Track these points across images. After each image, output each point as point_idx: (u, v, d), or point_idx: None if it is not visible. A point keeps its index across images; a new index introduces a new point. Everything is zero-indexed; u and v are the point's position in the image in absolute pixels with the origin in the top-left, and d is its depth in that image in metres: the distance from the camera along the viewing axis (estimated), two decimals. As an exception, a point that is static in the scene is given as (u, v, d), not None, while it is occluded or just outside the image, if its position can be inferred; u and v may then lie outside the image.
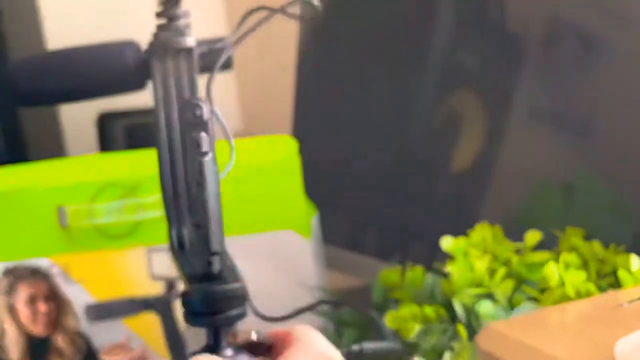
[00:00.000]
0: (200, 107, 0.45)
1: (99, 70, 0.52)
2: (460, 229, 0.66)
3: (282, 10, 0.51)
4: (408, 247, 0.83)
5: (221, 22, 1.32)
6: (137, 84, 0.52)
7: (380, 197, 0.91)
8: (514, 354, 0.48)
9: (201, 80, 0.49)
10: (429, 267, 0.66)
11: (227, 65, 0.52)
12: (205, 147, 0.46)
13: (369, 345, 0.53)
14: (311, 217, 0.79)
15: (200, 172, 0.45)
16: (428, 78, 0.87)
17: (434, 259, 0.66)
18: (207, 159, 0.45)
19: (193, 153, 0.46)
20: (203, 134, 0.46)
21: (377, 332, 0.68)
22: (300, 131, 1.00)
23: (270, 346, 0.47)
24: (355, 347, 0.52)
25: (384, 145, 0.92)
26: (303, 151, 0.77)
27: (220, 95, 0.50)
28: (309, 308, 0.55)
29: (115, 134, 1.04)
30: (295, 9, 0.49)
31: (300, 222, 0.76)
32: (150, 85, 0.49)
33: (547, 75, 0.74)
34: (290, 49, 1.08)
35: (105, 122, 1.04)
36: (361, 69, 0.97)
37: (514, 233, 0.64)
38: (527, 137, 0.76)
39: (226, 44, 0.49)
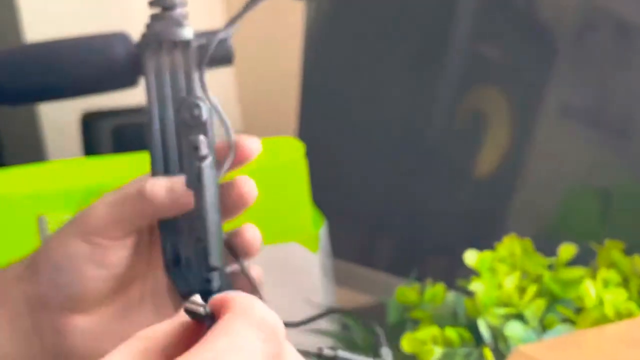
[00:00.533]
0: (199, 107, 0.45)
1: (84, 64, 0.52)
2: (485, 242, 0.66)
3: None
4: (427, 262, 0.83)
5: (220, 15, 1.32)
6: (127, 81, 0.52)
7: (396, 206, 0.91)
8: None
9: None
10: (450, 284, 0.66)
11: (227, 60, 0.51)
12: (204, 151, 0.45)
13: (344, 354, 0.52)
14: (319, 229, 0.79)
15: (199, 179, 0.45)
16: (447, 75, 0.87)
17: (457, 275, 0.66)
18: (206, 164, 0.45)
19: (190, 157, 0.45)
20: (202, 137, 0.45)
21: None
22: (306, 133, 1.00)
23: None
24: (328, 351, 0.51)
25: (399, 149, 0.92)
26: (310, 155, 0.77)
27: (218, 95, 0.49)
28: (316, 318, 0.55)
29: (102, 135, 1.04)
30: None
31: (306, 234, 0.76)
32: (142, 82, 0.48)
33: (581, 69, 0.74)
34: (293, 48, 1.08)
35: (90, 122, 1.04)
36: (373, 66, 0.97)
37: (547, 246, 0.64)
38: (560, 138, 0.75)
39: (227, 34, 0.49)
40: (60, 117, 1.07)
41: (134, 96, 0.56)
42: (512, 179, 0.78)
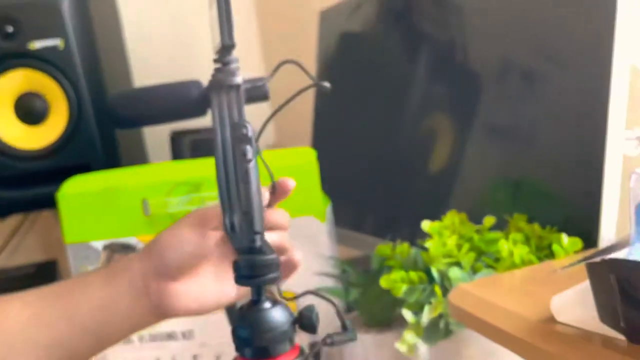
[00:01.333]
0: (246, 127, 0.45)
1: (172, 101, 0.51)
2: (436, 215, 0.65)
3: (304, 70, 0.50)
4: (397, 228, 0.82)
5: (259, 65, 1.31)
6: (200, 111, 0.51)
7: (377, 191, 0.90)
8: (477, 308, 0.47)
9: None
10: (413, 243, 0.65)
11: (265, 98, 0.51)
12: (249, 156, 0.45)
13: (338, 337, 0.51)
14: (326, 207, 0.78)
15: (246, 174, 0.45)
16: (412, 103, 0.86)
17: (417, 237, 0.64)
18: (251, 165, 0.45)
19: (241, 161, 0.45)
20: (248, 147, 0.45)
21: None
22: (317, 144, 1.00)
23: None
24: (328, 340, 0.50)
25: (380, 153, 0.91)
26: (320, 158, 0.76)
27: (259, 118, 0.49)
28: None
29: (184, 147, 1.04)
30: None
31: (318, 210, 0.75)
32: (209, 112, 0.48)
33: (499, 101, 0.73)
34: (309, 93, 1.08)
35: (176, 138, 1.04)
36: (363, 98, 0.96)
37: (476, 218, 0.63)
38: (484, 146, 0.74)
39: (264, 81, 0.49)
40: (156, 135, 1.07)
41: (204, 121, 0.55)
42: (453, 173, 0.77)
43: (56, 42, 1.01)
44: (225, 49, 0.46)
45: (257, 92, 0.49)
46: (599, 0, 0.59)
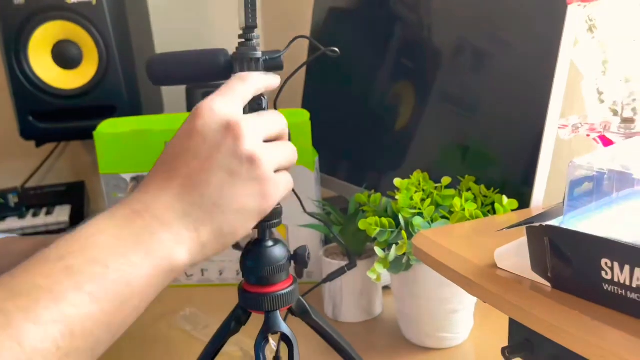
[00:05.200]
0: (262, 100, 0.45)
1: (202, 65, 0.50)
2: (401, 168, 0.65)
3: (314, 42, 0.49)
4: (372, 179, 0.82)
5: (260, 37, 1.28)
6: (224, 76, 0.50)
7: (355, 147, 0.90)
8: (433, 250, 0.48)
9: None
10: (384, 194, 0.65)
11: (280, 68, 0.50)
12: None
13: (350, 265, 0.53)
14: (315, 158, 0.79)
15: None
16: (388, 73, 0.84)
17: (388, 189, 0.65)
18: None
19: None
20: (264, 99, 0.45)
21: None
22: (308, 106, 0.99)
23: None
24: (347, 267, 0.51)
25: (358, 114, 0.90)
26: (311, 118, 0.76)
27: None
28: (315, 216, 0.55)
29: (197, 99, 1.02)
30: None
31: (309, 162, 0.76)
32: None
33: (454, 73, 0.71)
34: (303, 59, 1.06)
35: (190, 90, 1.02)
36: (346, 67, 0.95)
37: (436, 177, 0.63)
38: (445, 113, 0.73)
39: (280, 54, 0.48)
40: (173, 88, 1.05)
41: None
42: (417, 135, 0.77)
43: (90, -2, 0.97)
44: (248, 28, 0.45)
45: (273, 64, 0.48)
46: None
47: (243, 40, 0.45)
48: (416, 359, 0.59)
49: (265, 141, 0.41)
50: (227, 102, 0.40)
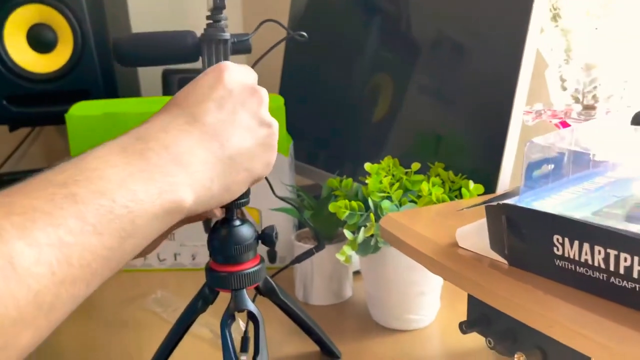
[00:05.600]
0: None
1: (170, 47, 0.50)
2: (375, 156, 0.66)
3: (282, 26, 0.50)
4: (345, 165, 0.83)
5: (239, 21, 1.28)
6: (193, 58, 0.50)
7: (330, 134, 0.90)
8: (400, 232, 0.48)
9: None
10: (355, 179, 0.66)
11: (248, 51, 0.51)
12: None
13: (317, 248, 0.53)
14: (289, 144, 0.79)
15: None
16: (364, 61, 0.85)
17: (359, 174, 0.65)
18: None
19: None
20: None
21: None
22: (284, 92, 0.99)
23: None
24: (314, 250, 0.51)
25: (335, 101, 0.91)
26: (287, 103, 0.76)
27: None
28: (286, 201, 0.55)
29: (173, 84, 1.02)
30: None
31: (283, 147, 0.76)
32: (200, 59, 0.48)
33: (431, 66, 0.72)
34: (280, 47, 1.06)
35: (167, 75, 1.02)
36: (324, 54, 0.95)
37: (406, 162, 0.64)
38: (417, 103, 0.74)
39: (248, 37, 0.48)
40: (150, 71, 1.04)
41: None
42: (391, 123, 0.77)
43: (65, -19, 0.96)
44: (216, 9, 0.46)
45: (241, 46, 0.48)
46: None
47: (211, 21, 0.46)
48: (384, 341, 0.60)
49: None
50: (249, 73, 0.41)
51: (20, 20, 0.98)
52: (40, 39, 1.00)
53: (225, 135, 0.37)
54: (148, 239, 0.34)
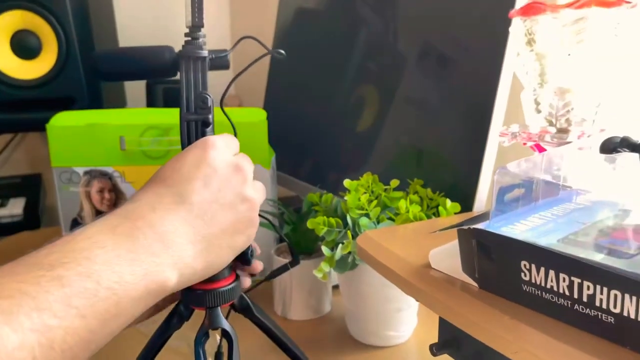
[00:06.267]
0: (207, 98, 0.45)
1: (148, 62, 0.50)
2: (356, 170, 0.66)
3: (261, 43, 0.50)
4: (325, 180, 0.83)
5: (226, 34, 1.28)
6: (171, 73, 0.50)
7: (312, 147, 0.91)
8: (376, 251, 0.49)
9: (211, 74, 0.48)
10: (335, 194, 0.67)
11: (226, 67, 0.51)
12: (209, 122, 0.45)
13: (293, 264, 0.53)
14: (271, 157, 0.80)
15: (203, 134, 0.45)
16: (348, 76, 0.86)
17: (339, 190, 0.66)
18: (209, 129, 0.45)
19: (202, 128, 0.45)
20: (209, 115, 0.45)
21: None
22: (267, 106, 1.00)
23: None
24: (289, 265, 0.51)
25: (317, 115, 0.91)
26: (270, 116, 0.76)
27: (225, 80, 0.49)
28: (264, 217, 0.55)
29: (157, 94, 1.02)
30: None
31: (265, 160, 0.76)
32: (179, 74, 0.48)
33: (417, 77, 0.73)
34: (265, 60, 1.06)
35: (151, 85, 1.01)
36: (308, 69, 0.96)
37: (385, 179, 0.64)
38: (399, 119, 0.74)
39: (227, 53, 0.48)
40: (134, 83, 1.04)
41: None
42: (373, 138, 0.77)
43: (51, -11, 0.96)
44: (195, 27, 0.46)
45: (220, 62, 0.48)
46: (499, 3, 0.59)
47: (189, 38, 0.46)
48: (361, 357, 0.61)
49: None
50: (232, 146, 0.43)
51: (3, 26, 0.97)
52: (24, 45, 0.99)
53: (210, 214, 0.38)
54: (131, 318, 0.34)
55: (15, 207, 1.09)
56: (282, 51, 0.48)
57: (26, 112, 1.01)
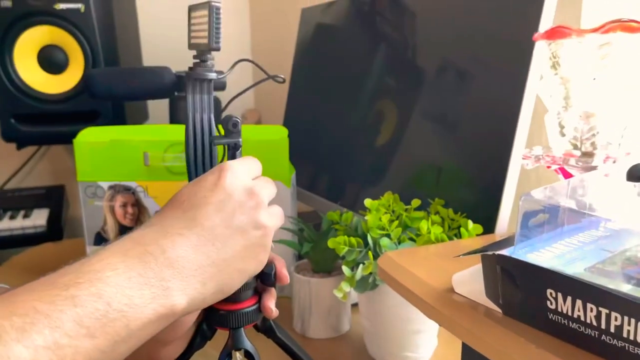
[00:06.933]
0: (239, 122, 0.45)
1: (145, 83, 0.50)
2: (377, 186, 0.65)
3: (259, 67, 0.50)
4: (346, 197, 0.83)
5: (248, 51, 1.29)
6: (169, 94, 0.50)
7: (332, 164, 0.91)
8: (397, 272, 0.48)
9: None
10: (356, 212, 0.67)
11: (223, 88, 0.51)
12: (240, 145, 0.44)
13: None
14: (292, 174, 0.80)
15: (233, 157, 0.45)
16: (366, 92, 0.86)
17: (359, 208, 0.65)
18: (238, 152, 0.45)
19: (231, 151, 0.45)
20: (240, 139, 0.45)
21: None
22: (288, 124, 1.00)
23: None
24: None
25: (337, 132, 0.92)
26: (290, 135, 0.77)
27: (248, 99, 0.49)
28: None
29: (180, 109, 1.03)
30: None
31: (285, 177, 0.77)
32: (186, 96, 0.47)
33: (436, 92, 0.72)
34: (287, 73, 1.07)
35: (174, 100, 1.03)
36: (327, 86, 0.96)
37: (406, 198, 0.64)
38: (420, 135, 0.74)
39: (224, 75, 0.48)
40: (158, 101, 1.05)
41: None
42: (393, 154, 0.77)
43: (78, 5, 0.98)
44: (206, 51, 0.46)
45: (217, 83, 0.49)
46: (522, 26, 0.59)
47: (198, 60, 0.46)
48: (380, 377, 0.60)
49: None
50: (253, 169, 0.43)
51: (31, 41, 1.00)
52: (51, 60, 1.01)
53: (222, 239, 0.39)
54: (141, 341, 0.35)
55: (39, 218, 1.11)
56: (282, 76, 0.48)
57: (52, 125, 1.03)
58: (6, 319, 0.29)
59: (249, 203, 0.41)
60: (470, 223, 0.59)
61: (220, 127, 0.45)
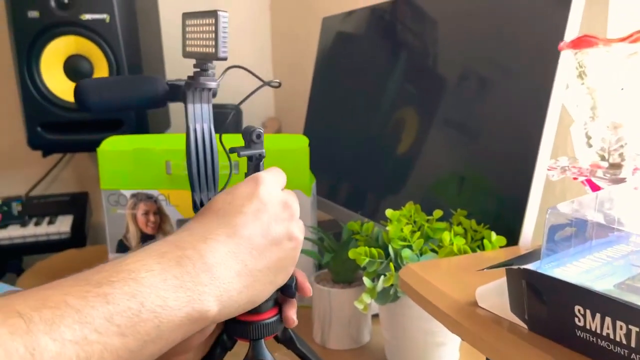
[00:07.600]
0: (262, 133, 0.44)
1: (138, 93, 0.48)
2: (398, 195, 0.65)
3: (253, 74, 0.49)
4: (366, 206, 0.83)
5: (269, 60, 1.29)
6: (161, 104, 0.49)
7: (352, 173, 0.90)
8: (419, 285, 0.48)
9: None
10: (377, 222, 0.66)
11: (213, 95, 0.50)
12: (264, 155, 0.44)
13: None
14: (312, 183, 0.80)
15: (257, 168, 0.45)
16: (387, 100, 0.85)
17: (380, 218, 0.65)
18: (262, 162, 0.45)
19: (256, 161, 0.44)
20: (263, 150, 0.44)
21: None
22: (309, 133, 1.00)
23: None
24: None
25: (357, 141, 0.91)
26: (311, 144, 0.77)
27: (268, 108, 0.49)
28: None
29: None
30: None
31: (306, 186, 0.77)
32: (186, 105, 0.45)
33: (457, 100, 0.71)
34: (307, 82, 1.07)
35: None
36: (347, 95, 0.96)
37: (428, 209, 0.63)
38: (442, 144, 0.73)
39: (216, 86, 0.47)
40: (181, 110, 1.07)
41: (220, 98, 0.53)
42: (414, 164, 0.76)
43: (103, 16, 1.00)
44: (208, 60, 0.45)
45: (214, 93, 0.47)
46: (548, 34, 0.58)
47: (198, 69, 0.45)
48: (400, 390, 0.59)
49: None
50: (280, 180, 0.44)
51: (57, 50, 1.02)
52: (76, 70, 1.03)
53: (258, 249, 0.39)
54: (169, 344, 0.34)
55: (63, 225, 1.13)
56: (277, 81, 0.48)
57: (76, 133, 1.05)
58: (35, 311, 0.29)
59: (283, 215, 0.41)
60: (493, 235, 0.58)
61: (217, 136, 0.45)
